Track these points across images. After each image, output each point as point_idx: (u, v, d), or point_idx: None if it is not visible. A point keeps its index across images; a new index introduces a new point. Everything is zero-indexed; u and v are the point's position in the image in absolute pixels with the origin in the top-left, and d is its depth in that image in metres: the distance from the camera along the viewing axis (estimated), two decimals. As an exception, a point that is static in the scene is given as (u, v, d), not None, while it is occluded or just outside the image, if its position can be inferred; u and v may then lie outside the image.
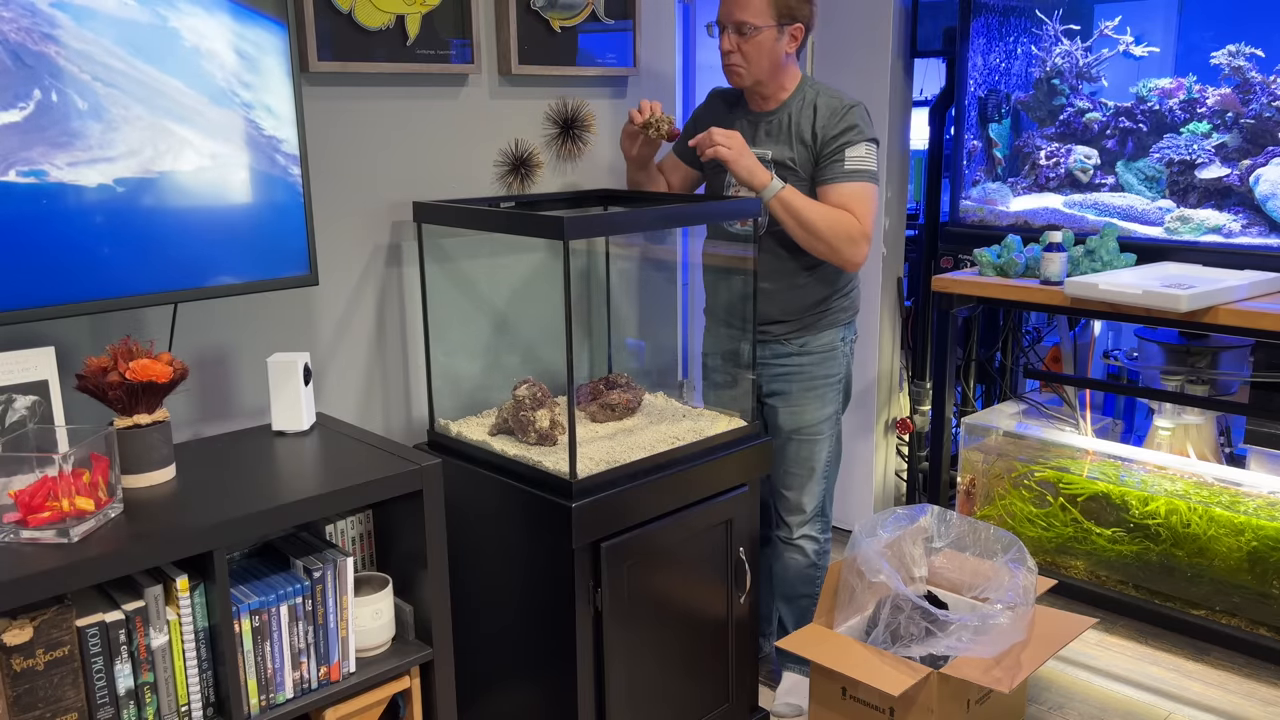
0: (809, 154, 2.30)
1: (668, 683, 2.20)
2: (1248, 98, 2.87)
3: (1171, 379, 3.23)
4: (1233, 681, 2.70)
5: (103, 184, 1.66)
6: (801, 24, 2.28)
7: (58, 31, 1.58)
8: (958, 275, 3.08)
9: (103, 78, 1.63)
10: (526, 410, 2.17)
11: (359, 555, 1.90)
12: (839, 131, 2.27)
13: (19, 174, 1.58)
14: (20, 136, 1.57)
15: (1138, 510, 3.00)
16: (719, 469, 2.21)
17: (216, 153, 1.77)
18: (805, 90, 2.34)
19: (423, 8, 2.19)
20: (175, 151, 1.73)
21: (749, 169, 2.21)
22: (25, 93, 1.57)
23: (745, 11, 2.23)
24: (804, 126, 2.30)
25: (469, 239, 2.35)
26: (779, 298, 2.40)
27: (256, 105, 1.81)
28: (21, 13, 1.54)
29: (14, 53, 1.55)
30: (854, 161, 2.27)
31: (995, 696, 2.39)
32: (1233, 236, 2.87)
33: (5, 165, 1.56)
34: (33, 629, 1.40)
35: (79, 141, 1.62)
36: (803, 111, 2.31)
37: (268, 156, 1.84)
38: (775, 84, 2.33)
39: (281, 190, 1.86)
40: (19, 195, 1.58)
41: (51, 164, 1.60)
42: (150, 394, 1.64)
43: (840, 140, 2.27)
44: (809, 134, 2.29)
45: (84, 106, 1.62)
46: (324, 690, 1.74)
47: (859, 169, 2.27)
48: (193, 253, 1.77)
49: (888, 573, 2.30)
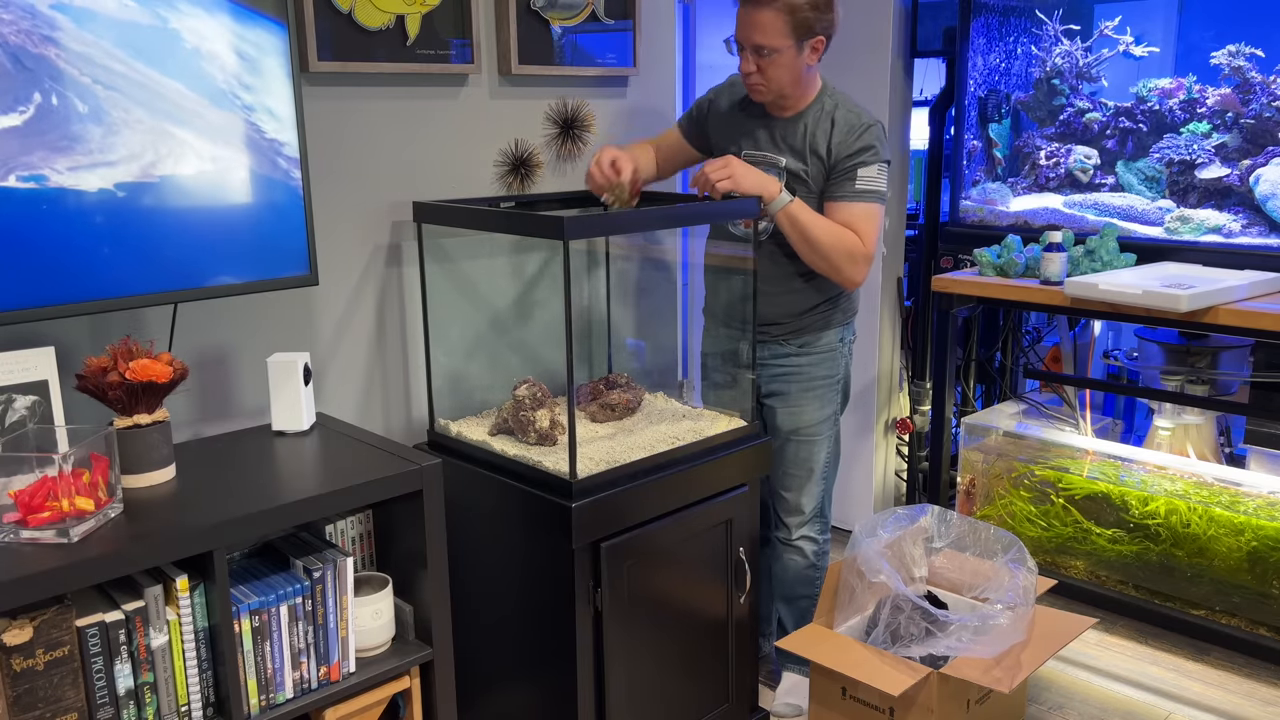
0: (821, 167, 2.30)
1: (667, 683, 2.20)
2: (1248, 98, 2.87)
3: (1171, 379, 3.23)
4: (1233, 681, 2.71)
5: (103, 189, 1.65)
6: (821, 36, 2.24)
7: (58, 34, 1.57)
8: (958, 275, 3.08)
9: (103, 80, 1.62)
10: (526, 410, 2.17)
11: (359, 555, 1.90)
12: (854, 150, 2.26)
13: (19, 179, 1.57)
14: (20, 141, 1.56)
15: (1138, 510, 3.00)
16: (719, 469, 2.21)
17: (217, 155, 1.77)
18: (824, 100, 2.33)
19: (423, 8, 2.19)
20: (176, 155, 1.72)
21: (754, 184, 2.21)
22: (25, 96, 1.56)
23: (764, 35, 2.19)
24: (819, 139, 2.29)
25: (469, 239, 2.35)
26: (778, 299, 2.40)
27: (258, 108, 1.81)
28: (21, 15, 1.53)
29: (14, 55, 1.54)
30: (865, 182, 2.26)
31: (995, 696, 2.39)
32: (1233, 236, 2.87)
33: (5, 170, 1.55)
34: (33, 629, 1.40)
35: (79, 145, 1.61)
36: (820, 123, 2.30)
37: (269, 159, 1.84)
38: (796, 95, 2.31)
39: (282, 192, 1.86)
40: (19, 200, 1.57)
41: (52, 168, 1.60)
42: (150, 394, 1.64)
43: (854, 159, 2.26)
44: (824, 148, 2.28)
45: (84, 110, 1.61)
46: (324, 690, 1.74)
47: (869, 189, 2.27)
48: (193, 253, 1.77)
49: (888, 573, 2.30)
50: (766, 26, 2.18)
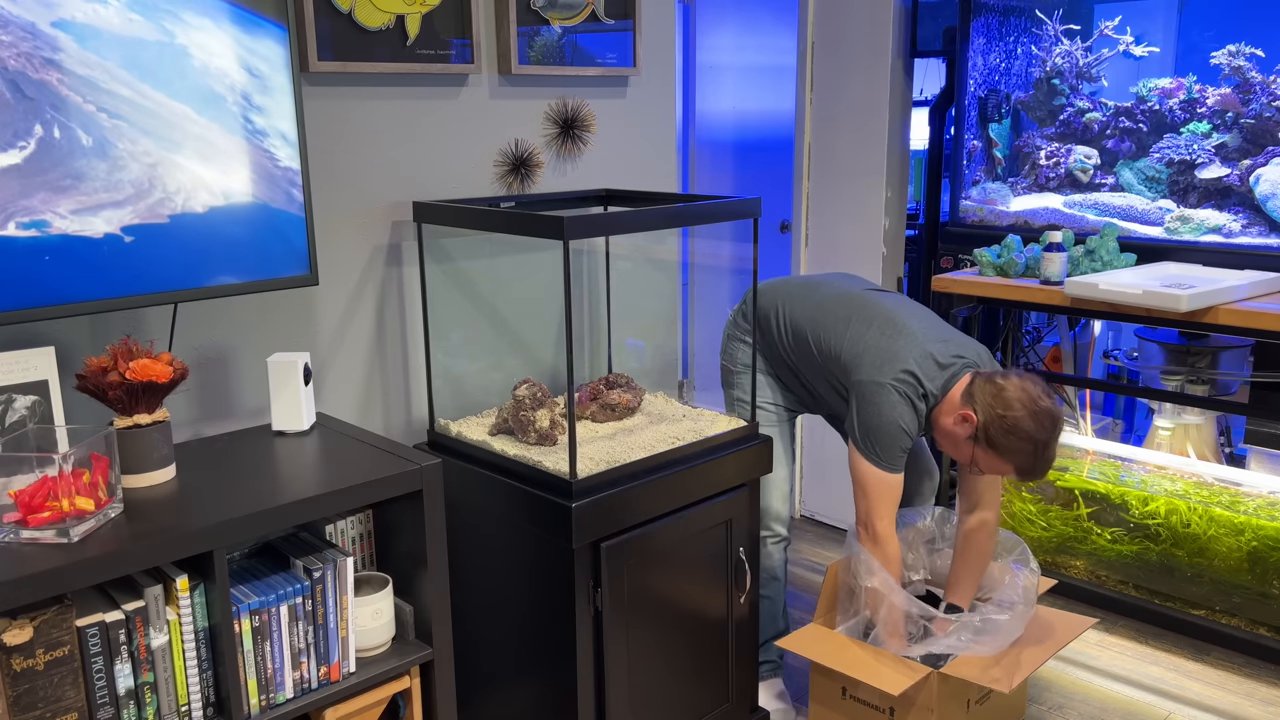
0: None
1: (668, 682, 2.20)
2: (1248, 98, 2.87)
3: (1171, 379, 3.23)
4: (1233, 681, 2.71)
5: (109, 234, 1.56)
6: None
7: (59, 56, 1.48)
8: (958, 275, 3.08)
9: (108, 108, 1.53)
10: (526, 410, 2.17)
11: (359, 555, 1.90)
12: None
13: (19, 226, 1.46)
14: (20, 181, 1.45)
15: (1138, 510, 3.00)
16: (719, 469, 2.21)
17: (230, 190, 1.72)
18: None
19: (423, 8, 2.19)
20: (187, 192, 1.64)
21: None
22: (26, 129, 1.45)
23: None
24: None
25: (469, 239, 2.35)
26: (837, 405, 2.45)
27: (271, 132, 1.77)
28: (21, 35, 1.44)
29: (13, 83, 1.43)
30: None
31: (995, 696, 2.39)
32: (1233, 236, 2.87)
33: (4, 216, 1.45)
34: (33, 629, 1.40)
35: (83, 184, 1.51)
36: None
37: (283, 191, 1.80)
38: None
39: (288, 221, 1.83)
40: (19, 252, 1.46)
41: (54, 211, 1.50)
42: (150, 394, 1.64)
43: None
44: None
45: (89, 142, 1.52)
46: (324, 690, 1.74)
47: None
48: (193, 253, 1.76)
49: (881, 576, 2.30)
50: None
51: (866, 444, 2.21)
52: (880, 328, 2.27)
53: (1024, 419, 2.10)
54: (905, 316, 2.30)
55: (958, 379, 2.21)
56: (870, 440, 2.21)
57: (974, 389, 2.17)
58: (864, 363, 2.24)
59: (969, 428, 2.16)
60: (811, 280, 2.56)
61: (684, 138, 4.20)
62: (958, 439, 2.19)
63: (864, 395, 2.21)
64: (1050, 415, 2.12)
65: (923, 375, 2.20)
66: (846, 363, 2.28)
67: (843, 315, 2.34)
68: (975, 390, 2.17)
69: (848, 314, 2.34)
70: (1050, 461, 2.17)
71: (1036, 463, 2.15)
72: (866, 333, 2.28)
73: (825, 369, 2.35)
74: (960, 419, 2.17)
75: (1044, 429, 2.11)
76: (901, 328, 2.26)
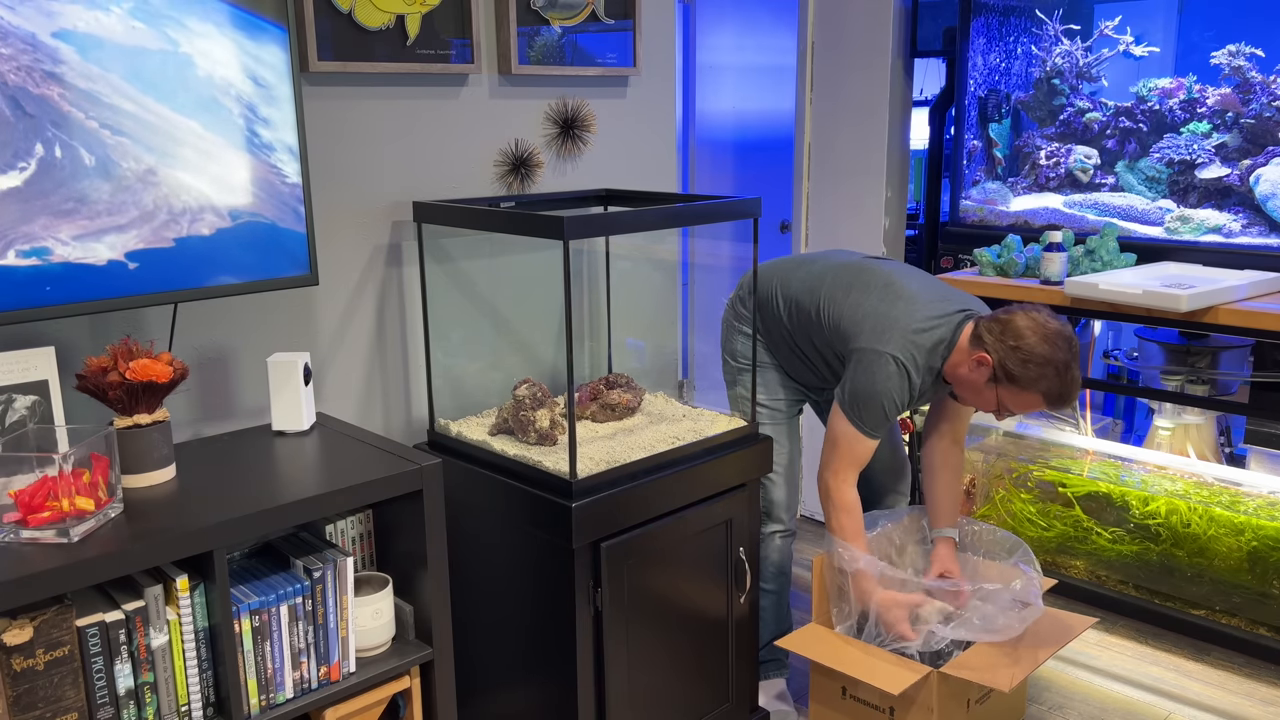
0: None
1: (668, 682, 2.20)
2: (1248, 98, 2.87)
3: (1171, 379, 3.23)
4: (1233, 681, 2.70)
5: (113, 260, 1.50)
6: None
7: (61, 68, 1.42)
8: (958, 275, 3.08)
9: (111, 123, 1.46)
10: (526, 410, 2.17)
11: (359, 555, 1.90)
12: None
13: (19, 254, 1.40)
14: (20, 205, 1.38)
15: (1138, 510, 3.00)
16: (719, 469, 2.21)
17: (235, 207, 1.70)
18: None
19: (423, 8, 2.19)
20: (193, 214, 1.60)
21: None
22: (26, 149, 1.38)
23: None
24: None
25: (469, 239, 2.35)
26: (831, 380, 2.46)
27: (278, 148, 1.75)
28: (22, 48, 1.37)
29: (13, 99, 1.36)
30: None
31: (995, 696, 2.39)
32: (1233, 236, 2.87)
33: (3, 244, 1.38)
34: (33, 629, 1.40)
35: (86, 207, 1.45)
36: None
37: (291, 210, 1.79)
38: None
39: (291, 240, 1.82)
40: (20, 281, 1.39)
41: (55, 238, 1.43)
42: (150, 394, 1.64)
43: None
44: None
45: (91, 162, 1.45)
46: (324, 690, 1.74)
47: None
48: (193, 254, 1.76)
49: (866, 560, 2.28)
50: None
51: (853, 407, 2.23)
52: (880, 294, 2.27)
53: (1037, 344, 2.08)
54: (905, 280, 2.30)
55: (962, 328, 2.22)
56: (858, 405, 2.22)
57: (980, 331, 2.17)
58: (864, 329, 2.24)
59: (986, 370, 2.14)
60: (808, 256, 2.56)
61: (684, 138, 4.21)
62: (978, 385, 2.18)
63: (861, 361, 2.22)
64: (1063, 335, 2.10)
65: (925, 335, 2.20)
66: (847, 330, 2.28)
67: (843, 283, 2.34)
68: (982, 332, 2.16)
69: (848, 281, 2.34)
70: (1077, 382, 2.13)
71: (1063, 386, 2.11)
72: (866, 299, 2.28)
73: (828, 341, 2.35)
74: (975, 364, 2.16)
75: (1060, 349, 2.09)
76: (900, 292, 2.27)
